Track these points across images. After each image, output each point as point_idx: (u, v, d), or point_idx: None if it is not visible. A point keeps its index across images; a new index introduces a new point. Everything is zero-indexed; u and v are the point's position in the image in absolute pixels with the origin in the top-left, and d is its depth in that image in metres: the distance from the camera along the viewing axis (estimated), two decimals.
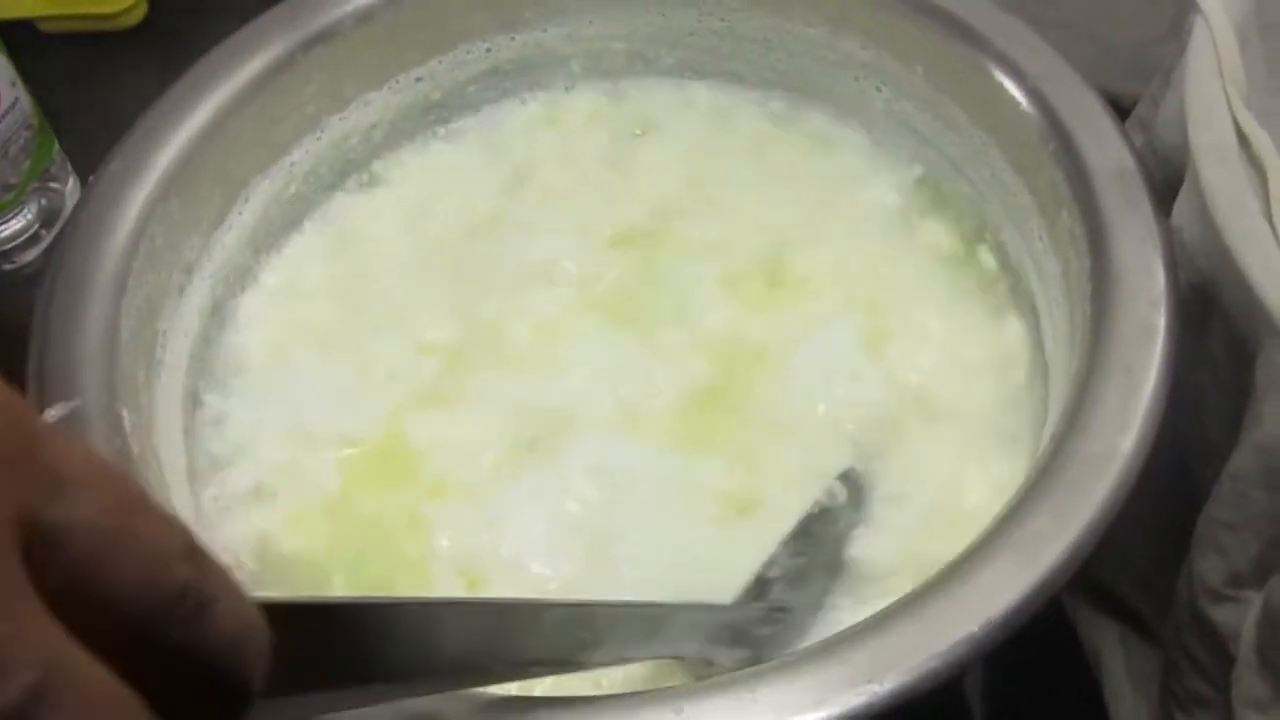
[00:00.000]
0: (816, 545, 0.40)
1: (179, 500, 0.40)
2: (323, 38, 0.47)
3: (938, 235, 0.48)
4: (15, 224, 0.61)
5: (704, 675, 0.35)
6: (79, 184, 0.65)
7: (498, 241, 0.49)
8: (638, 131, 0.52)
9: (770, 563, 0.40)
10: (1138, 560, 0.46)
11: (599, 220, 0.49)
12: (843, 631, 0.33)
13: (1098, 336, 0.37)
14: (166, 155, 0.43)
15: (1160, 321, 0.37)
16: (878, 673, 0.32)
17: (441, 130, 0.52)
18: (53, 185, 0.64)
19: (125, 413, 0.38)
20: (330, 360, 0.46)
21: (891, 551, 0.41)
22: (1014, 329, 0.45)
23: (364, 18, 0.48)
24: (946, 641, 0.32)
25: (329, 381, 0.46)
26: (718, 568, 0.40)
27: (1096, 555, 0.34)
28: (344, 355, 0.46)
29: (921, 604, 0.33)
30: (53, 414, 0.38)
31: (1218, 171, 0.37)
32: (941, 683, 0.32)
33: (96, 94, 0.69)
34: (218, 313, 0.47)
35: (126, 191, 0.42)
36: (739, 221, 0.48)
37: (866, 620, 0.33)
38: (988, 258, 0.47)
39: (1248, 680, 0.38)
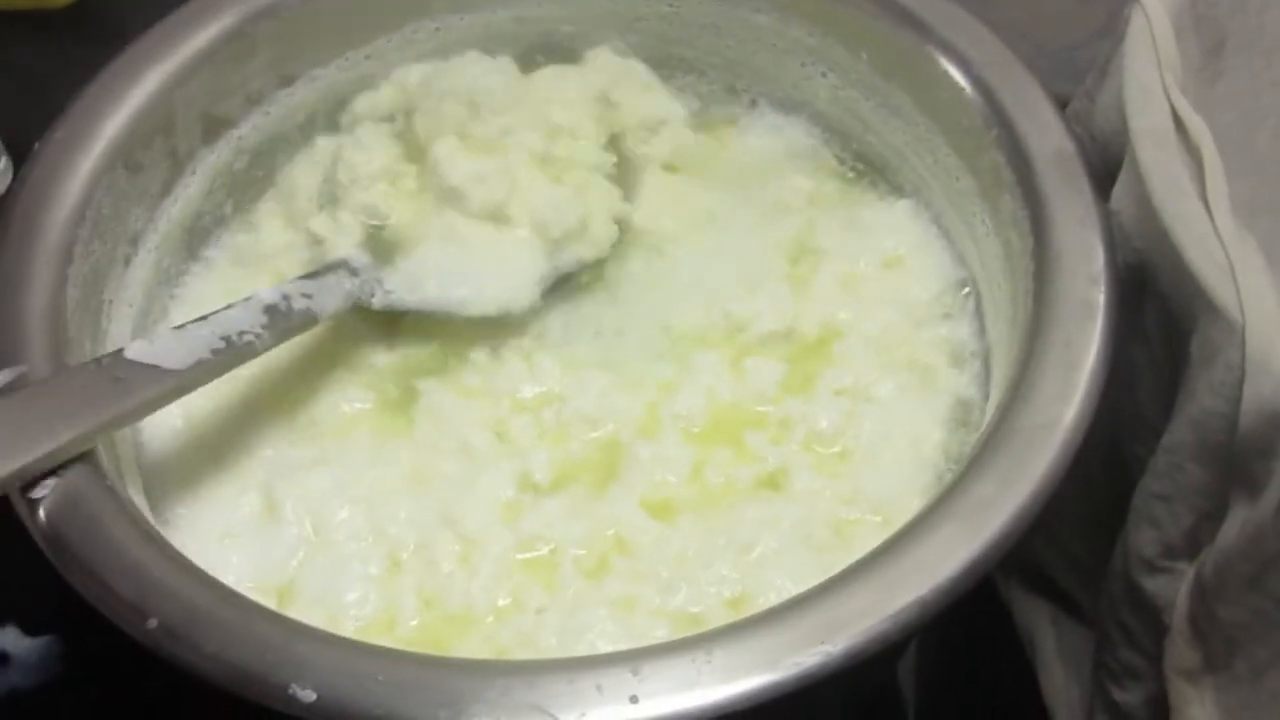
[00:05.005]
0: None
1: (126, 460, 0.40)
2: (271, 12, 0.47)
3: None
4: None
5: None
6: (11, 163, 0.64)
7: None
8: None
9: None
10: (1069, 541, 0.47)
11: None
12: (796, 596, 0.34)
13: (1039, 313, 0.38)
14: (113, 124, 0.43)
15: (1100, 298, 0.38)
16: (830, 635, 0.32)
17: None
18: None
19: None
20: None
21: None
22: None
23: None
24: (896, 604, 0.33)
25: None
26: None
27: (1037, 525, 0.35)
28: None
29: (872, 569, 0.34)
30: None
31: (1155, 155, 0.38)
32: (891, 644, 0.33)
33: (28, 73, 0.67)
34: (162, 287, 0.46)
35: (73, 160, 0.42)
36: None
37: (819, 585, 0.34)
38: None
39: (1179, 650, 0.39)
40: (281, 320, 0.42)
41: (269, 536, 0.41)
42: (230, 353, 0.40)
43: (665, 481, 0.42)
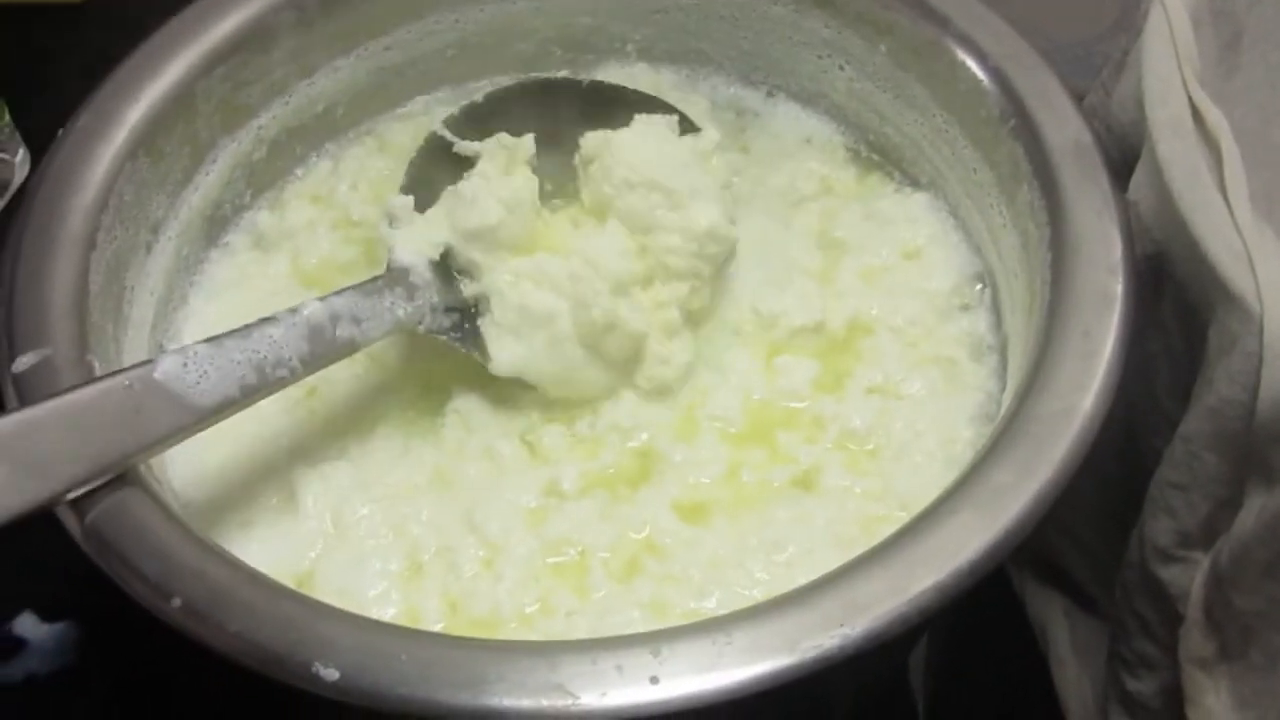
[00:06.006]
0: None
1: None
2: (292, 3, 0.47)
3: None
4: None
5: None
6: (29, 155, 0.64)
7: None
8: None
9: None
10: (1084, 533, 0.47)
11: None
12: (816, 580, 0.34)
13: (1057, 303, 0.39)
14: (136, 112, 0.43)
15: (1118, 288, 0.38)
16: (849, 617, 0.33)
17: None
18: (2, 156, 0.63)
19: (96, 364, 0.38)
20: None
21: None
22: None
23: None
24: (915, 588, 0.33)
25: None
26: None
27: (1052, 517, 0.36)
28: None
29: (891, 552, 0.34)
30: (23, 362, 0.37)
31: (1174, 145, 0.38)
32: (910, 628, 0.33)
33: (48, 67, 0.68)
34: (182, 274, 0.47)
35: (96, 147, 0.42)
36: None
37: (838, 569, 0.34)
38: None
39: (1194, 639, 0.39)
40: (322, 346, 0.40)
41: (287, 528, 0.41)
42: (260, 388, 0.38)
43: (698, 484, 0.42)
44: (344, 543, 0.41)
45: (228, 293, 0.47)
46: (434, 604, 0.40)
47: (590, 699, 0.31)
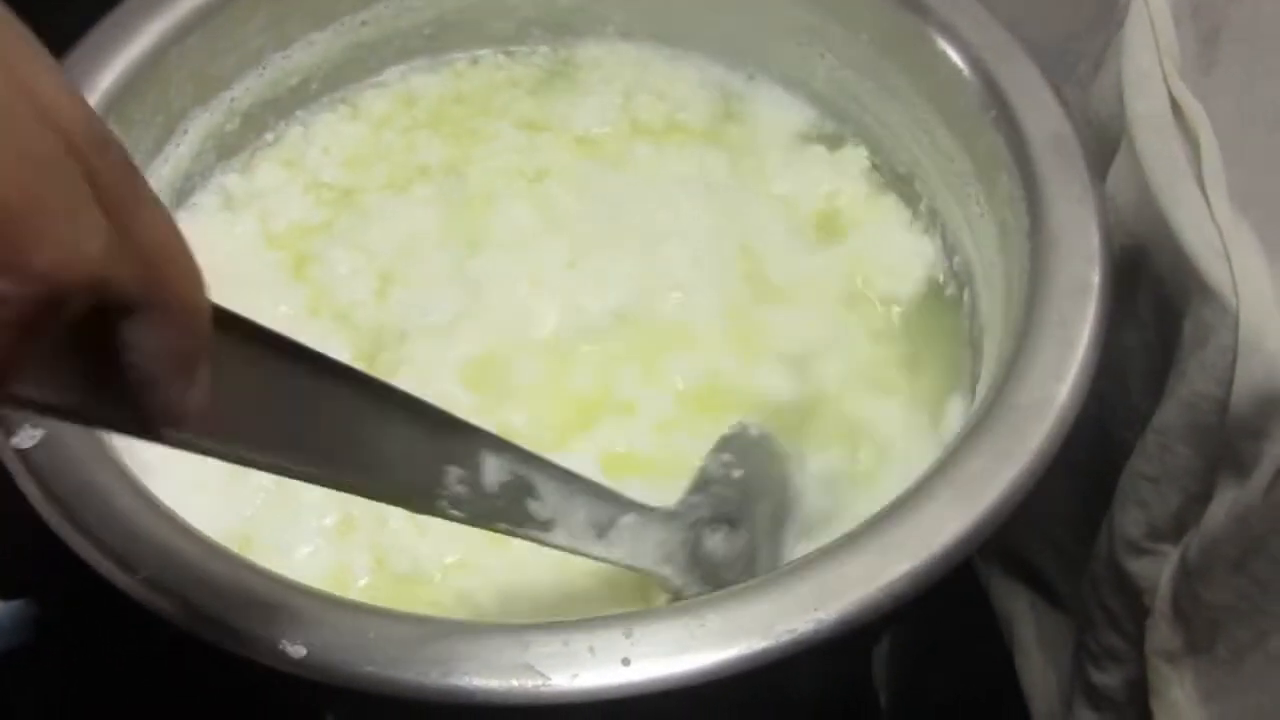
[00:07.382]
0: (749, 463, 0.42)
1: None
2: None
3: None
4: None
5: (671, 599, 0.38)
6: None
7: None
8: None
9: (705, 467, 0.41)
10: (1052, 526, 0.47)
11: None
12: (791, 563, 0.34)
13: (1035, 292, 0.38)
14: (107, 78, 0.43)
15: (1095, 278, 0.38)
16: (824, 602, 0.32)
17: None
18: None
19: None
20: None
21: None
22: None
23: None
24: (890, 574, 0.33)
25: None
26: None
27: (1022, 510, 0.36)
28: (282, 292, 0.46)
29: (866, 538, 0.34)
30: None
31: (1153, 138, 0.38)
32: (884, 613, 0.33)
33: None
34: None
35: None
36: None
37: (813, 553, 0.34)
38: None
39: (1161, 632, 0.39)
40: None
41: (234, 488, 0.41)
42: None
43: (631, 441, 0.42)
44: (283, 498, 0.41)
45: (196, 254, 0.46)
46: (363, 559, 0.40)
47: (561, 680, 0.31)
